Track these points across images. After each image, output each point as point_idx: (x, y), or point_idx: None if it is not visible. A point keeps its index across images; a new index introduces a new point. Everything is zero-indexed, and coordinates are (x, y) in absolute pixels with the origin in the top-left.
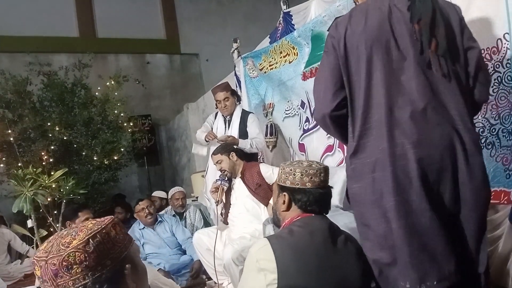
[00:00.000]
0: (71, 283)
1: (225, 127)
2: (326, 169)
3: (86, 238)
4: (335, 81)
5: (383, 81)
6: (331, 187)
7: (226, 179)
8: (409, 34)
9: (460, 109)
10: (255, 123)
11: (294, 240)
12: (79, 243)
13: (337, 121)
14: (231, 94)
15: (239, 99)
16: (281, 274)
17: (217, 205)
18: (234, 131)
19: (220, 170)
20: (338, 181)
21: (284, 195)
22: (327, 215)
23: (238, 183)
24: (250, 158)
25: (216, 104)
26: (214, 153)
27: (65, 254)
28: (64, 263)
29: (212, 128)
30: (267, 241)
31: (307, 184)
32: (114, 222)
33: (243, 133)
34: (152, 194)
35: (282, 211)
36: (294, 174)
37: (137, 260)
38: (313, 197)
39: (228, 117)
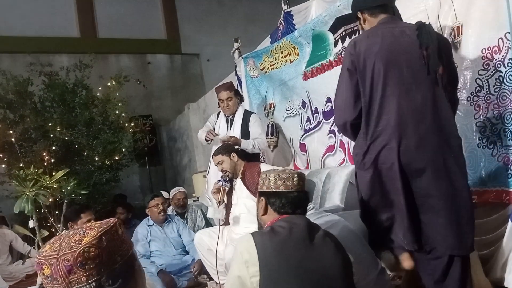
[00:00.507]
0: (85, 279)
1: (227, 127)
2: (300, 175)
3: (98, 234)
4: (355, 94)
5: (395, 93)
6: (307, 192)
7: (228, 179)
8: (418, 57)
9: (452, 121)
10: (257, 123)
11: (275, 235)
12: (92, 239)
13: (355, 126)
14: (234, 94)
15: (242, 99)
16: (263, 266)
17: (218, 206)
18: (236, 131)
19: (222, 171)
20: (339, 181)
21: (262, 199)
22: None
23: (239, 183)
24: (251, 158)
25: (218, 103)
26: (214, 154)
27: (80, 249)
28: (79, 259)
29: (214, 128)
30: (250, 236)
31: (280, 187)
32: (119, 222)
33: (245, 133)
34: None
35: (261, 215)
36: (269, 179)
37: (138, 259)
38: (286, 199)
39: (230, 116)
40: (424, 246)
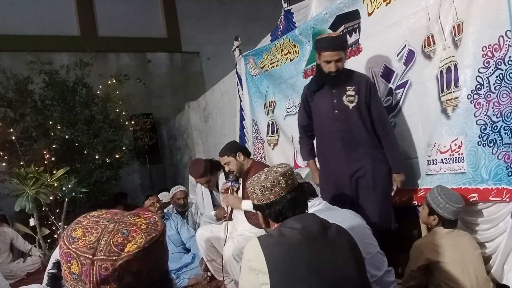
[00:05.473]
0: None
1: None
2: (285, 174)
3: (145, 245)
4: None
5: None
6: (301, 185)
7: (235, 179)
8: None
9: None
10: None
11: (284, 239)
12: (137, 250)
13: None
14: (210, 175)
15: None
16: (272, 274)
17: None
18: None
19: (229, 172)
20: None
21: (258, 213)
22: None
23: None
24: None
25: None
26: (220, 155)
27: (121, 260)
28: (118, 272)
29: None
30: (257, 241)
31: (270, 197)
32: (165, 225)
33: None
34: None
35: (265, 227)
36: (256, 193)
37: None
38: (281, 206)
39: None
40: None
